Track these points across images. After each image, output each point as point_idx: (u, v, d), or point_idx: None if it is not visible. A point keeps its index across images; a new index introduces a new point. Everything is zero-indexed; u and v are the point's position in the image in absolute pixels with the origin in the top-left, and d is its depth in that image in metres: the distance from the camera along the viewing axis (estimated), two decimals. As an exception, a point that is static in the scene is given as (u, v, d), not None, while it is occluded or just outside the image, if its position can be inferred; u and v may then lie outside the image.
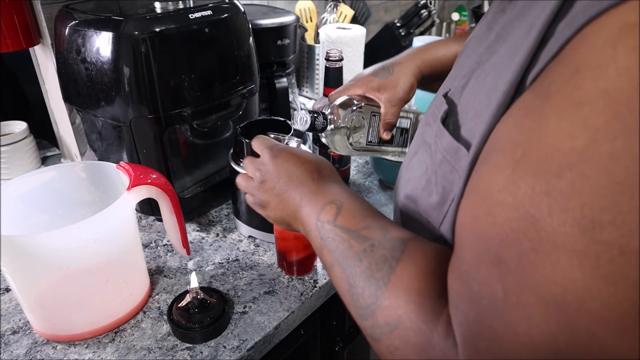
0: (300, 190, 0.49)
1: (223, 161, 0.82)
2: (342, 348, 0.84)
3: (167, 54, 0.65)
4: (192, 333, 0.56)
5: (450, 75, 0.45)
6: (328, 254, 0.43)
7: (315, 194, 0.48)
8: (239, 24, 0.75)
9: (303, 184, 0.50)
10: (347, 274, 0.40)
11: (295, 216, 0.49)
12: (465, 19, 1.87)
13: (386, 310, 0.35)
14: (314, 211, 0.47)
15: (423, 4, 1.30)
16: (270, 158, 0.52)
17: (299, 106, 1.12)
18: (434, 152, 0.40)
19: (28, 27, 0.77)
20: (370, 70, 0.70)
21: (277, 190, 0.51)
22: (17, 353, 0.56)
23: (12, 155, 0.89)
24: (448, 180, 0.38)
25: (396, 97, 0.67)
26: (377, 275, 0.37)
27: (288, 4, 1.33)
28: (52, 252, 0.52)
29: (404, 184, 0.46)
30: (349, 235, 0.42)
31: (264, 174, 0.53)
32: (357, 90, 0.69)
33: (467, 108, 0.37)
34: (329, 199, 0.47)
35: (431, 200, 0.40)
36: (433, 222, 0.41)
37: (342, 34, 1.11)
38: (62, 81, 0.74)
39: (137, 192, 0.56)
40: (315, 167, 0.51)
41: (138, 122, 0.67)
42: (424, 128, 0.44)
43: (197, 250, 0.73)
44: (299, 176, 0.50)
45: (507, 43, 0.34)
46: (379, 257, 0.38)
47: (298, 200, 0.49)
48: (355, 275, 0.39)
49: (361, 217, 0.44)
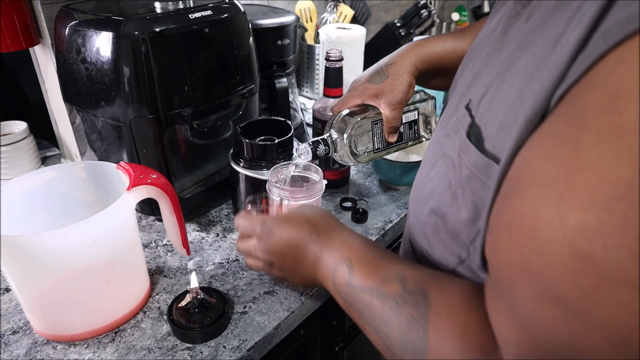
0: (309, 259, 0.51)
1: (223, 161, 0.82)
2: (342, 348, 0.84)
3: (167, 54, 0.65)
4: (192, 333, 0.56)
5: (465, 79, 0.43)
6: (356, 316, 0.44)
7: (322, 258, 0.49)
8: (239, 24, 0.75)
9: (307, 252, 0.51)
10: (381, 337, 0.40)
11: (316, 281, 0.51)
12: (465, 19, 1.87)
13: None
14: (328, 276, 0.48)
15: (423, 4, 1.30)
16: (266, 240, 0.54)
17: (299, 106, 1.12)
18: (459, 167, 0.39)
19: (28, 27, 0.77)
20: (365, 77, 0.69)
21: (288, 267, 0.54)
22: (17, 353, 0.56)
23: (12, 155, 0.89)
24: (479, 196, 0.36)
25: (395, 100, 0.65)
26: (412, 338, 0.37)
27: (288, 4, 1.33)
28: (52, 252, 0.52)
29: (426, 198, 0.45)
30: (369, 295, 0.42)
31: (267, 256, 0.55)
32: (356, 100, 0.68)
33: (489, 119, 0.36)
34: (337, 259, 0.47)
35: (461, 216, 0.39)
36: (463, 239, 0.40)
37: (342, 34, 1.11)
38: (62, 81, 0.74)
39: (137, 192, 0.56)
40: (310, 227, 0.52)
41: (138, 122, 0.67)
42: (443, 140, 0.42)
43: (197, 250, 0.73)
44: (301, 245, 0.51)
45: (529, 52, 0.33)
46: (407, 317, 0.38)
47: (310, 268, 0.51)
48: (389, 338, 0.39)
49: (374, 270, 0.43)
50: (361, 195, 0.87)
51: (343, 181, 0.89)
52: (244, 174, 0.70)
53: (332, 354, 0.84)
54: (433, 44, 0.68)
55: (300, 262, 0.52)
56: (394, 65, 0.67)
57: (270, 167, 0.67)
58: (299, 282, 0.56)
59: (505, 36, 0.37)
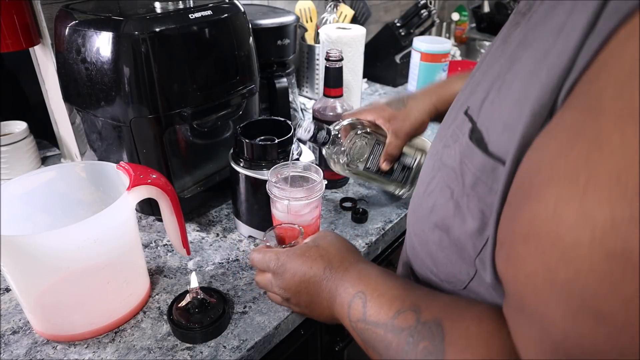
0: (323, 296, 0.50)
1: (223, 161, 0.81)
2: (342, 348, 0.84)
3: (167, 54, 0.65)
4: (192, 333, 0.56)
5: (465, 92, 0.42)
6: (372, 353, 0.43)
7: (337, 294, 0.48)
8: (239, 24, 0.75)
9: (322, 289, 0.50)
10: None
11: (333, 317, 0.50)
12: (465, 19, 1.87)
13: None
14: (343, 313, 0.47)
15: (423, 4, 1.30)
16: (280, 276, 0.54)
17: (299, 106, 1.12)
18: (462, 174, 0.36)
19: (28, 27, 0.77)
20: (386, 100, 0.71)
21: (304, 304, 0.53)
22: (17, 353, 0.56)
23: (12, 155, 0.89)
24: (486, 203, 0.34)
25: (403, 130, 0.67)
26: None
27: (288, 4, 1.33)
28: (52, 252, 0.52)
29: (427, 213, 0.43)
30: (384, 330, 0.41)
31: (283, 292, 0.55)
32: (369, 116, 0.69)
33: (491, 122, 0.34)
34: (351, 294, 0.46)
35: (466, 227, 0.36)
36: (469, 252, 0.37)
37: (342, 34, 1.11)
38: (62, 81, 0.74)
39: (137, 192, 0.56)
40: (324, 262, 0.51)
41: (138, 122, 0.67)
42: (442, 151, 0.41)
43: (197, 250, 0.73)
44: (315, 281, 0.51)
45: (531, 49, 0.31)
46: (422, 350, 0.37)
47: (326, 304, 0.50)
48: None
49: (388, 303, 0.42)
50: (361, 195, 0.87)
51: (343, 181, 0.89)
52: (244, 174, 0.70)
53: (332, 354, 0.84)
54: (455, 83, 0.70)
55: (316, 299, 0.51)
56: (414, 100, 0.69)
57: (270, 167, 0.67)
58: (317, 318, 0.54)
59: (505, 44, 0.36)
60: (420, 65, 1.15)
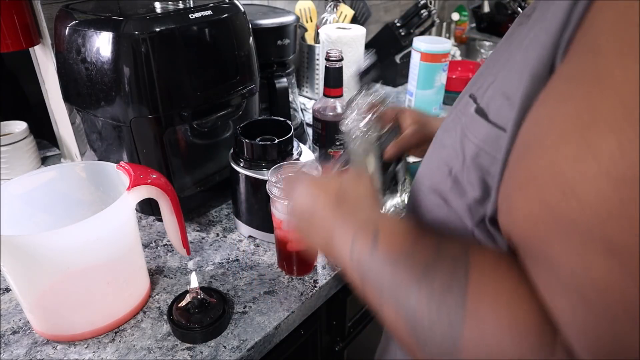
0: (321, 226, 0.44)
1: (223, 161, 0.81)
2: (342, 348, 0.84)
3: (167, 54, 0.65)
4: (192, 333, 0.56)
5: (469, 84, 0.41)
6: (372, 293, 0.36)
7: (337, 227, 0.42)
8: (239, 24, 0.75)
9: (323, 220, 0.44)
10: (403, 311, 0.32)
11: (331, 249, 0.43)
12: (465, 19, 1.87)
13: (472, 342, 0.28)
14: (345, 242, 0.40)
15: (423, 4, 1.30)
16: (288, 196, 0.52)
17: (299, 106, 1.12)
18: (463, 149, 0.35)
19: (28, 27, 0.77)
20: None
21: (304, 229, 0.48)
22: (17, 353, 0.56)
23: (12, 155, 0.89)
24: (490, 172, 0.33)
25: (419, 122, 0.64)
26: (448, 300, 0.29)
27: (288, 4, 1.33)
28: (52, 252, 0.52)
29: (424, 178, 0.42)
30: (394, 265, 0.35)
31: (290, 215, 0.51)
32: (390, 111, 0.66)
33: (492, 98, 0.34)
34: (361, 227, 0.40)
35: (467, 198, 0.35)
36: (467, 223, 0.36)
37: (342, 34, 1.11)
38: (62, 81, 0.74)
39: (137, 192, 0.56)
40: (336, 193, 0.45)
41: (138, 122, 0.67)
42: (443, 135, 0.40)
43: (197, 250, 0.73)
44: (314, 211, 0.45)
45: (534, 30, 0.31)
46: (441, 281, 0.30)
47: (323, 234, 0.44)
48: (414, 309, 0.31)
49: (403, 240, 0.36)
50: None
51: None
52: (244, 174, 0.70)
53: (332, 354, 0.84)
54: None
55: (313, 228, 0.46)
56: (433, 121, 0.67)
57: (270, 167, 0.67)
58: (315, 247, 0.49)
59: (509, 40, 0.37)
60: (420, 65, 1.15)
